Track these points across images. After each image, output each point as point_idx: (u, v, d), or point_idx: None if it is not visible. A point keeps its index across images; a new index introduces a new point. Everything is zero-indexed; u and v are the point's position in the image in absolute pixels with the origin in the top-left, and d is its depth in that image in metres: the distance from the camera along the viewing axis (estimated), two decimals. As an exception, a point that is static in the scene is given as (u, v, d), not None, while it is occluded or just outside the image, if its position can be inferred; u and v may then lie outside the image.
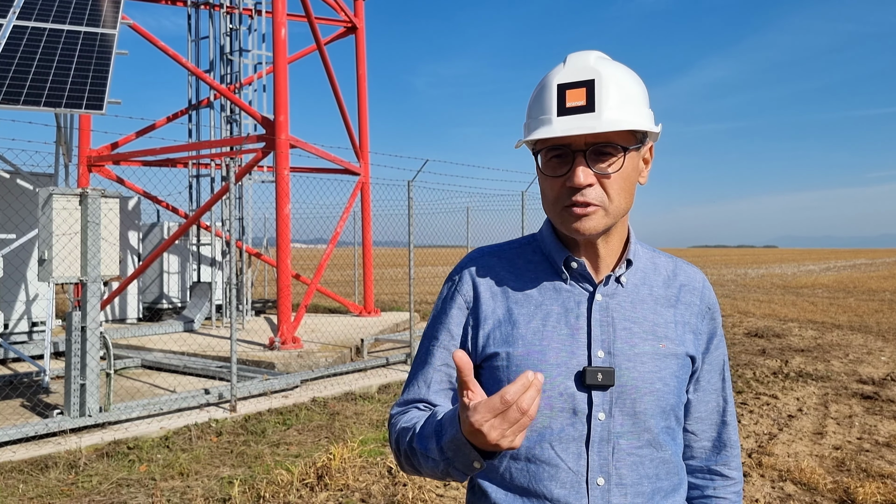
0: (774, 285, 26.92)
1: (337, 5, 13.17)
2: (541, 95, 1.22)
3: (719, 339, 1.37)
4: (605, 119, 1.15)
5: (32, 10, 8.48)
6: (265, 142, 10.28)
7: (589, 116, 1.15)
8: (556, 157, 1.20)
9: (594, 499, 1.19)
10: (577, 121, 1.16)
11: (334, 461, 5.16)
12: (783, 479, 5.01)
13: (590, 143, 1.17)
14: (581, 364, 1.22)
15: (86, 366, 6.05)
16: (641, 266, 1.32)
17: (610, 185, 1.19)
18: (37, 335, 10.24)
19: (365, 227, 13.85)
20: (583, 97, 1.16)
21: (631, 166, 1.21)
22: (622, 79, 1.19)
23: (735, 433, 1.41)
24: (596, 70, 1.17)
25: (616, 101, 1.16)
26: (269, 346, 9.66)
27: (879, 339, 12.10)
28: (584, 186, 1.17)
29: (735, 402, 3.93)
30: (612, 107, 1.16)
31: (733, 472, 1.40)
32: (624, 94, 1.18)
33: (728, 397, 1.40)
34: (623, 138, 1.19)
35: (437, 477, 1.17)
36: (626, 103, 1.17)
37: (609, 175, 1.18)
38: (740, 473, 1.42)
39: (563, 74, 1.19)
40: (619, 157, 1.18)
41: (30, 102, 6.94)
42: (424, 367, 1.35)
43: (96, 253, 6.13)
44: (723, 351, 1.38)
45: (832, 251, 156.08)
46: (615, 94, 1.17)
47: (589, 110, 1.16)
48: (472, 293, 1.32)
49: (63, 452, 5.50)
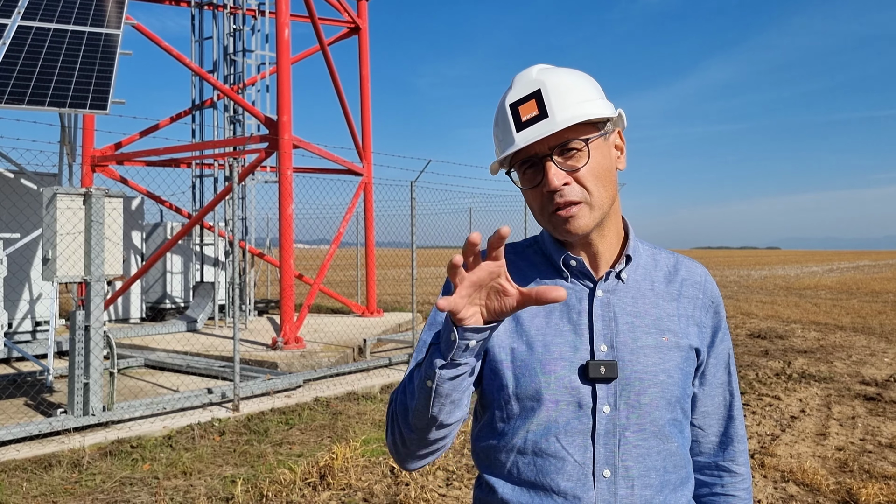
0: (777, 286, 26.88)
1: (340, 6, 13.19)
2: (499, 120, 1.29)
3: (724, 332, 1.38)
4: (558, 119, 1.20)
5: (37, 11, 8.50)
6: (268, 142, 10.30)
7: (544, 122, 1.21)
8: (529, 169, 1.26)
9: (601, 491, 1.20)
10: (534, 129, 1.22)
11: (337, 461, 5.17)
12: (786, 479, 5.01)
13: (553, 146, 1.22)
14: (584, 358, 1.24)
15: (89, 365, 6.07)
16: (642, 262, 1.35)
17: (584, 178, 1.23)
18: (41, 335, 10.27)
19: (368, 228, 13.87)
20: (534, 108, 1.23)
21: (600, 156, 1.25)
22: (566, 80, 1.25)
23: (742, 428, 1.41)
24: (539, 80, 1.24)
25: (565, 101, 1.22)
26: (272, 346, 9.67)
27: (883, 340, 12.08)
28: (560, 187, 1.21)
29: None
30: (563, 107, 1.21)
31: (741, 468, 1.40)
32: (571, 93, 1.23)
33: (734, 391, 1.40)
34: (582, 132, 1.24)
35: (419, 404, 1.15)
36: (575, 100, 1.23)
37: (578, 169, 1.22)
38: (748, 469, 1.42)
39: (512, 94, 1.26)
40: (584, 150, 1.23)
41: (34, 102, 6.96)
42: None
43: (100, 252, 6.15)
44: (728, 345, 1.39)
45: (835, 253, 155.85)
46: (562, 95, 1.23)
47: (543, 117, 1.22)
48: None
49: (66, 451, 5.52)
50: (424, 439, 1.21)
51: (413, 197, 8.95)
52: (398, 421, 1.23)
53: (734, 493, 1.39)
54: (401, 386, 1.26)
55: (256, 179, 13.19)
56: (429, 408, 1.14)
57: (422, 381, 1.14)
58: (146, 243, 14.05)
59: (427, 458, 1.26)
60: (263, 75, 13.19)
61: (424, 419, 1.16)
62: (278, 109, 10.05)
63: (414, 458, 1.26)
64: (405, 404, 1.20)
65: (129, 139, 12.99)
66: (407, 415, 1.20)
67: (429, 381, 1.12)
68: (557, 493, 1.20)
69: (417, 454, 1.24)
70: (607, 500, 1.19)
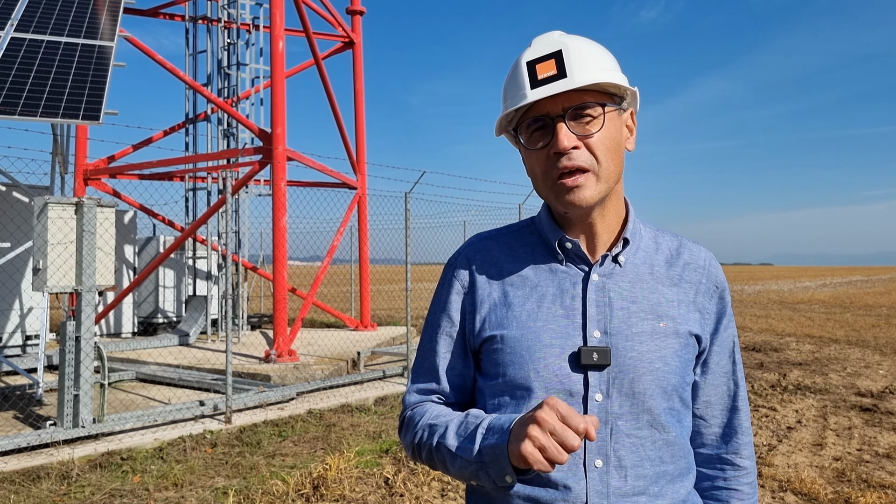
0: (771, 301, 26.91)
1: (335, 20, 13.25)
2: (513, 76, 1.23)
3: (728, 319, 1.33)
4: (577, 79, 1.16)
5: (30, 23, 8.50)
6: (262, 154, 10.28)
7: (562, 81, 1.16)
8: (537, 130, 1.20)
9: (592, 481, 1.16)
10: (550, 87, 1.16)
11: (330, 472, 5.11)
12: (783, 489, 4.96)
13: (567, 108, 1.17)
14: (577, 345, 1.20)
15: (79, 376, 5.99)
16: (643, 245, 1.30)
17: (595, 145, 1.18)
18: (31, 348, 10.16)
19: (362, 241, 13.84)
20: (553, 67, 1.17)
21: (614, 127, 1.21)
22: (589, 46, 1.21)
23: (747, 420, 1.35)
24: (562, 42, 1.19)
25: (586, 64, 1.18)
26: (265, 359, 9.60)
27: (877, 353, 12.08)
28: (570, 149, 1.16)
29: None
30: (584, 70, 1.17)
31: (745, 462, 1.35)
32: (593, 58, 1.19)
33: (739, 381, 1.35)
34: (600, 98, 1.19)
35: (463, 478, 1.18)
36: (596, 66, 1.19)
37: (592, 135, 1.18)
38: (753, 463, 1.37)
39: (531, 52, 1.21)
40: (599, 116, 1.18)
41: (26, 113, 6.93)
42: (430, 356, 1.34)
43: (91, 262, 6.10)
44: (733, 332, 1.34)
45: (828, 269, 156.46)
46: (585, 58, 1.18)
47: (561, 77, 1.16)
48: (469, 277, 1.32)
49: (55, 463, 5.43)
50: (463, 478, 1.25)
51: (407, 208, 8.94)
52: (424, 461, 1.27)
53: (737, 486, 1.34)
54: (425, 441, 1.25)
55: (250, 193, 13.16)
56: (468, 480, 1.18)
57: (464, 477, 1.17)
58: (139, 257, 13.97)
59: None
60: (258, 89, 13.20)
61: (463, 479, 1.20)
62: (272, 122, 10.04)
63: (437, 470, 1.33)
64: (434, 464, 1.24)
65: (123, 152, 12.95)
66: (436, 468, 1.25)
67: (474, 482, 1.17)
68: (548, 484, 1.17)
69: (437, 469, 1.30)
70: (599, 490, 1.16)
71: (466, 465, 1.14)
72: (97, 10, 9.10)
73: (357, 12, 14.20)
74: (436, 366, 1.32)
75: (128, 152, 13.03)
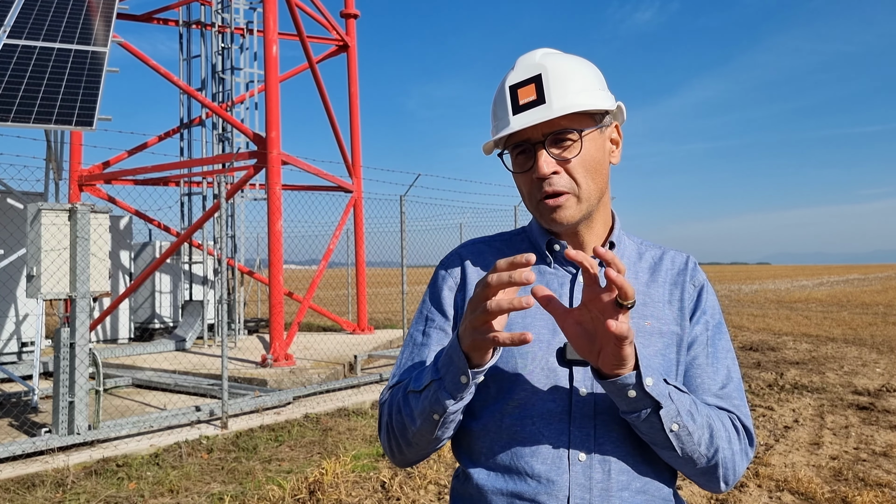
0: (768, 300, 26.94)
1: (328, 24, 13.24)
2: (497, 100, 1.29)
3: (712, 314, 1.31)
4: (555, 107, 1.20)
5: (23, 29, 8.48)
6: (257, 158, 10.27)
7: (541, 108, 1.21)
8: (520, 154, 1.26)
9: (575, 474, 1.16)
10: (530, 115, 1.21)
11: (327, 476, 5.10)
12: (780, 488, 4.96)
13: (546, 133, 1.22)
14: (563, 341, 1.22)
15: (74, 383, 5.97)
16: (627, 254, 1.34)
17: (574, 170, 1.22)
18: (26, 355, 10.13)
19: (358, 244, 13.82)
20: (533, 92, 1.22)
21: (593, 148, 1.25)
22: (568, 67, 1.24)
23: (744, 405, 1.26)
24: (541, 65, 1.23)
25: (565, 89, 1.21)
26: (262, 364, 9.57)
27: (874, 351, 12.09)
28: (549, 175, 1.21)
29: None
30: (562, 95, 1.21)
31: (731, 412, 1.23)
32: (572, 81, 1.23)
33: (733, 374, 1.28)
34: (578, 122, 1.23)
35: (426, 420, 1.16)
36: (574, 89, 1.22)
37: (569, 160, 1.22)
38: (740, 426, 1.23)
39: (513, 76, 1.26)
40: (577, 142, 1.22)
41: (19, 119, 6.91)
42: (422, 350, 1.33)
43: (85, 268, 6.08)
44: (717, 321, 1.31)
45: (825, 267, 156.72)
46: (562, 83, 1.22)
47: (541, 103, 1.21)
48: (461, 274, 1.36)
49: (50, 471, 5.41)
50: (424, 450, 1.24)
51: (403, 211, 8.93)
52: (395, 435, 1.25)
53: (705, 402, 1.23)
54: (395, 403, 1.24)
55: (245, 197, 13.14)
56: (433, 432, 1.18)
57: (426, 412, 1.15)
58: (135, 262, 13.94)
59: (424, 458, 1.29)
60: (252, 93, 13.18)
61: (427, 438, 1.19)
62: (267, 126, 10.03)
63: (412, 462, 1.30)
64: (403, 424, 1.21)
65: (118, 158, 12.93)
66: (406, 433, 1.21)
67: (435, 414, 1.14)
68: (531, 477, 1.17)
69: (415, 459, 1.28)
70: (582, 483, 1.16)
71: (426, 396, 1.14)
72: (90, 15, 9.08)
73: (351, 16, 14.19)
74: (424, 356, 1.33)
75: (123, 158, 13.01)
